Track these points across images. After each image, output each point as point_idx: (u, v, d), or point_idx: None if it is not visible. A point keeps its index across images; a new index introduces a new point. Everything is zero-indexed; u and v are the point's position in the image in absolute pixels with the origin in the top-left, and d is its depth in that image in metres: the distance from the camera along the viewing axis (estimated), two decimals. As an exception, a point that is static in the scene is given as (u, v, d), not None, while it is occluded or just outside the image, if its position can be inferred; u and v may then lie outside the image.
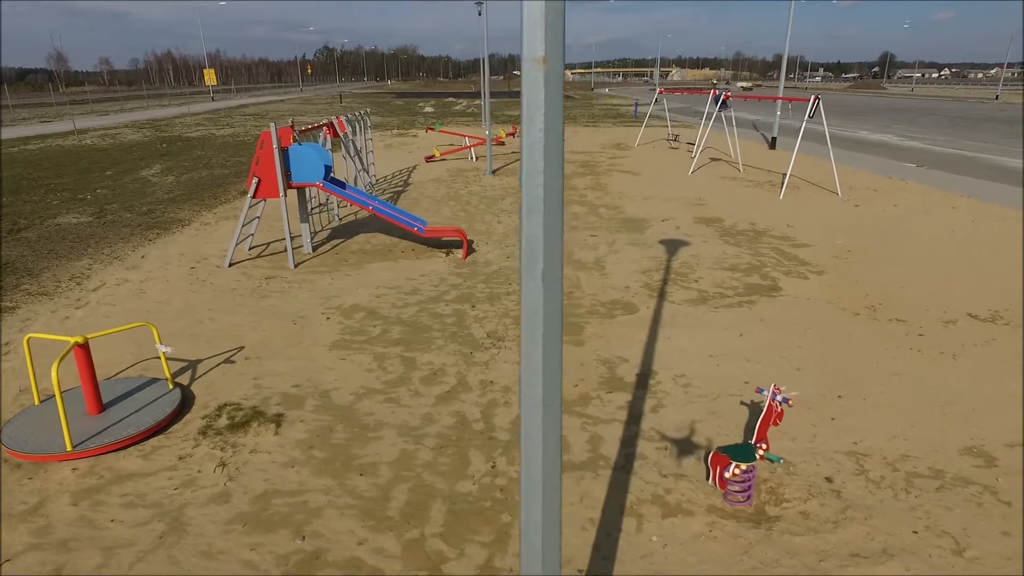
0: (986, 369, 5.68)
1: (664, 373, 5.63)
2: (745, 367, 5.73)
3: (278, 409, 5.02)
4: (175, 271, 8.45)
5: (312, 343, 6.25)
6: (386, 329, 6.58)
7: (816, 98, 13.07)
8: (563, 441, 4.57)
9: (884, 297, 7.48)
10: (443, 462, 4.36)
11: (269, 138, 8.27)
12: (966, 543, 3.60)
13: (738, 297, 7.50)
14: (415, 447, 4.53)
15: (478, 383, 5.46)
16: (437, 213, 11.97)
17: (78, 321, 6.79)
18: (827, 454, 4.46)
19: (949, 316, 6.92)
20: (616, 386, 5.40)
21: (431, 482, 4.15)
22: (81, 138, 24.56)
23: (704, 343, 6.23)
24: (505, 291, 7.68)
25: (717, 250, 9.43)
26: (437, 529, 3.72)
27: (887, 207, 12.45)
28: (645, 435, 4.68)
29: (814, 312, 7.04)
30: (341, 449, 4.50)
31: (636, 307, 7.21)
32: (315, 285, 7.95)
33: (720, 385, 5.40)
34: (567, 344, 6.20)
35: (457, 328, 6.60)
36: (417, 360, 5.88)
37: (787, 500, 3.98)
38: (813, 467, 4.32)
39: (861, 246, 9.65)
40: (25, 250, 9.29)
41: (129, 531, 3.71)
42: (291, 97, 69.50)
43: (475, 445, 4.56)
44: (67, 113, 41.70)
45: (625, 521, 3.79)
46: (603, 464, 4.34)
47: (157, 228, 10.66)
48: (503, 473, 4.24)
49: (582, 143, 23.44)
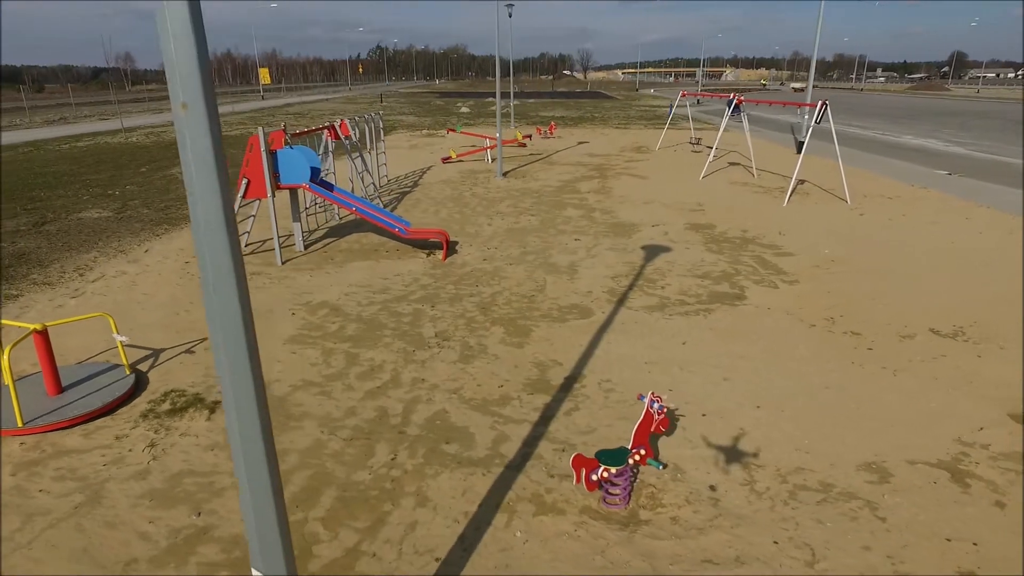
0: (922, 386, 5.61)
1: (592, 378, 5.77)
2: (674, 375, 5.82)
3: (218, 397, 5.41)
4: (170, 265, 9.03)
5: (271, 337, 6.65)
6: (343, 326, 6.92)
7: (824, 103, 12.80)
8: (469, 438, 4.81)
9: (848, 309, 7.39)
10: (350, 452, 4.65)
11: (257, 141, 8.73)
12: (822, 555, 3.66)
13: (698, 305, 7.54)
14: (328, 438, 4.83)
15: (410, 380, 5.72)
16: (435, 215, 12.30)
17: (70, 310, 7.38)
18: (722, 463, 4.54)
19: (909, 331, 6.80)
20: (540, 388, 5.58)
21: (331, 470, 4.44)
22: (128, 136, 26.03)
23: (644, 350, 6.33)
24: (469, 293, 7.93)
25: (696, 257, 9.43)
26: (321, 514, 4.01)
27: (895, 216, 12.11)
28: (549, 436, 4.86)
29: (769, 323, 7.03)
30: (261, 436, 4.84)
31: (592, 312, 7.34)
32: (294, 282, 8.37)
33: (640, 391, 5.50)
34: (508, 347, 6.41)
35: (410, 327, 6.89)
36: (360, 356, 6.19)
37: (663, 505, 4.10)
38: (703, 475, 4.41)
39: (847, 256, 9.48)
40: (43, 242, 10.07)
41: (52, 501, 4.13)
42: (336, 96, 71.34)
43: (385, 438, 4.83)
44: (125, 111, 44.08)
45: (497, 516, 3.99)
46: (498, 462, 4.54)
47: (167, 224, 11.35)
48: (400, 465, 4.49)
49: (604, 146, 23.43)
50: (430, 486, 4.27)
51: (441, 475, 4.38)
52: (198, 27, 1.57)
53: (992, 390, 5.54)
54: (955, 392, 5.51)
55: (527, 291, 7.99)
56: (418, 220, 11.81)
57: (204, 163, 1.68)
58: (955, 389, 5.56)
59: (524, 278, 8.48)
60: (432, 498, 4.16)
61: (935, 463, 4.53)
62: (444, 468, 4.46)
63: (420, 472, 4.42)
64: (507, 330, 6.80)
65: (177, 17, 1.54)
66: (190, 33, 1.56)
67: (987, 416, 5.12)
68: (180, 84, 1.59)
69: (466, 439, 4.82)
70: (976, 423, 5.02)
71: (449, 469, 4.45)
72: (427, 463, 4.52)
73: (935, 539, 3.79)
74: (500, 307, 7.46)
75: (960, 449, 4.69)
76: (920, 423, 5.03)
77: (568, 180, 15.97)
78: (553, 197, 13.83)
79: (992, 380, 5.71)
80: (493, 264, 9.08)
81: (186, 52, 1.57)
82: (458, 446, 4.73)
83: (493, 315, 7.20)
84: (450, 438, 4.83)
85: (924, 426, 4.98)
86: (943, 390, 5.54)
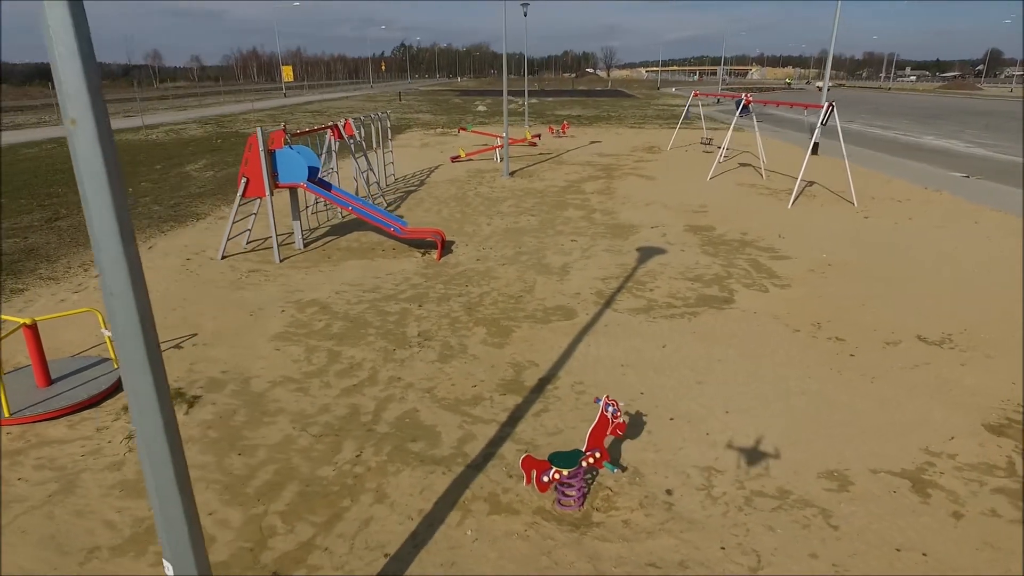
0: (898, 394, 5.56)
1: (566, 379, 5.82)
2: (649, 378, 5.84)
3: (199, 392, 5.58)
4: (171, 262, 9.27)
5: (259, 334, 6.81)
6: (329, 324, 7.06)
7: (830, 105, 12.63)
8: (436, 437, 4.90)
9: (836, 315, 7.33)
10: (318, 448, 4.77)
11: (256, 141, 8.92)
12: (767, 562, 3.68)
13: (684, 308, 7.53)
14: (299, 434, 4.96)
15: (386, 379, 5.83)
16: (436, 214, 12.41)
17: (72, 304, 7.63)
18: (683, 467, 4.57)
19: (895, 337, 6.73)
20: (512, 389, 5.64)
21: (297, 465, 4.56)
22: (148, 133, 26.61)
23: (622, 352, 6.36)
24: (458, 293, 8.01)
25: (690, 259, 9.40)
26: (281, 507, 4.13)
27: (901, 220, 11.92)
28: (515, 437, 4.92)
29: (754, 327, 7.00)
30: (234, 431, 4.99)
31: (576, 313, 7.38)
32: (288, 280, 8.54)
33: (613, 394, 5.54)
34: (488, 347, 6.48)
35: (394, 326, 7.00)
36: (342, 354, 6.32)
37: (616, 508, 4.14)
38: (661, 479, 4.44)
39: (845, 260, 9.38)
40: (53, 238, 10.40)
41: (29, 489, 4.31)
42: (357, 94, 71.90)
43: (353, 435, 4.94)
44: (151, 108, 44.99)
45: (452, 515, 4.07)
46: (460, 461, 4.62)
47: (173, 221, 11.62)
48: (364, 462, 4.59)
49: (616, 145, 23.35)
50: (390, 483, 4.37)
51: (402, 472, 4.48)
52: (85, 46, 1.67)
53: (969, 399, 5.47)
54: (931, 401, 5.45)
55: (515, 292, 8.05)
56: (419, 219, 11.94)
57: (96, 177, 1.78)
58: (931, 398, 5.50)
59: (514, 279, 8.55)
60: (390, 495, 4.25)
61: (898, 472, 4.50)
62: (406, 466, 4.55)
63: (382, 469, 4.51)
64: (489, 330, 6.87)
65: (63, 38, 1.64)
66: (76, 53, 1.65)
67: (960, 426, 5.07)
68: (68, 101, 1.69)
69: (432, 438, 4.90)
70: (947, 433, 4.97)
71: (411, 467, 4.54)
72: (390, 460, 4.62)
73: (885, 548, 3.78)
74: (486, 307, 7.53)
75: (926, 459, 4.65)
76: (889, 432, 4.99)
77: (574, 180, 15.98)
78: (556, 197, 13.86)
79: (971, 389, 5.64)
80: (486, 264, 9.16)
81: (73, 70, 1.67)
82: (424, 444, 4.82)
83: (477, 315, 7.28)
84: (417, 436, 4.92)
85: (893, 435, 4.95)
86: (919, 398, 5.49)
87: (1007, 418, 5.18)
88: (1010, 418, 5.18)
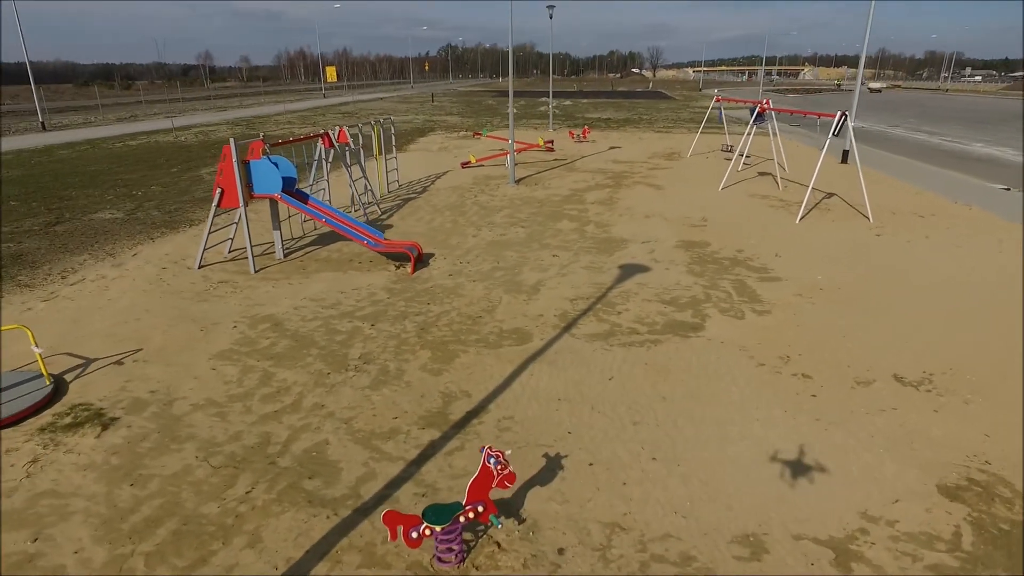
0: (851, 444, 5.07)
1: (495, 414, 5.53)
2: (582, 416, 5.49)
3: (119, 413, 5.51)
4: (148, 271, 9.33)
5: (202, 351, 6.73)
6: (275, 342, 6.93)
7: (842, 115, 11.91)
8: (336, 475, 4.68)
9: (811, 347, 6.81)
10: (211, 482, 4.61)
11: (229, 152, 8.89)
12: (639, 643, 3.32)
13: (648, 335, 7.13)
14: (200, 464, 4.82)
15: (310, 406, 5.65)
16: (428, 223, 12.23)
17: (37, 313, 7.73)
18: (586, 522, 4.23)
19: (869, 376, 6.19)
20: (434, 422, 5.39)
21: (183, 500, 4.41)
22: (178, 135, 27.33)
23: (563, 385, 6.02)
24: (417, 311, 7.80)
25: (671, 279, 8.95)
26: (150, 547, 3.98)
27: (916, 238, 11.15)
28: (416, 478, 4.67)
29: (715, 360, 6.56)
30: (137, 458, 4.88)
31: (531, 338, 7.07)
32: (254, 293, 8.48)
33: (537, 432, 5.24)
34: (425, 373, 6.24)
35: (339, 347, 6.82)
36: (275, 377, 6.17)
37: (498, 568, 3.85)
38: (558, 535, 4.12)
39: (840, 283, 8.77)
40: (45, 243, 10.64)
41: (-85, 513, 4.28)
42: (392, 95, 72.46)
43: (253, 468, 4.77)
44: (192, 109, 46.38)
45: (320, 565, 3.85)
46: (351, 503, 4.39)
47: (166, 227, 11.77)
48: (252, 500, 4.41)
49: (635, 151, 22.77)
50: (269, 525, 4.17)
51: (286, 514, 4.28)
52: None
53: (931, 453, 4.94)
54: (886, 454, 4.95)
55: (476, 312, 7.78)
56: (410, 228, 11.79)
57: None
58: (888, 450, 4.99)
59: (480, 297, 8.28)
60: (265, 539, 4.05)
61: (824, 540, 4.06)
62: (293, 506, 4.35)
63: (267, 509, 4.32)
64: (433, 355, 6.63)
65: None
66: None
67: (910, 485, 4.57)
68: None
69: (332, 475, 4.69)
70: (894, 493, 4.49)
71: (296, 508, 4.33)
72: (279, 499, 4.42)
73: (778, 635, 3.38)
74: (440, 328, 7.29)
75: (860, 524, 4.19)
76: (828, 489, 4.53)
77: (579, 189, 15.58)
78: (554, 208, 13.51)
79: (937, 441, 5.11)
80: (457, 280, 8.92)
81: None
82: (320, 482, 4.61)
83: (427, 337, 7.05)
84: (316, 473, 4.71)
85: (831, 493, 4.49)
86: (873, 450, 4.99)
87: (968, 478, 4.65)
88: (972, 479, 4.65)
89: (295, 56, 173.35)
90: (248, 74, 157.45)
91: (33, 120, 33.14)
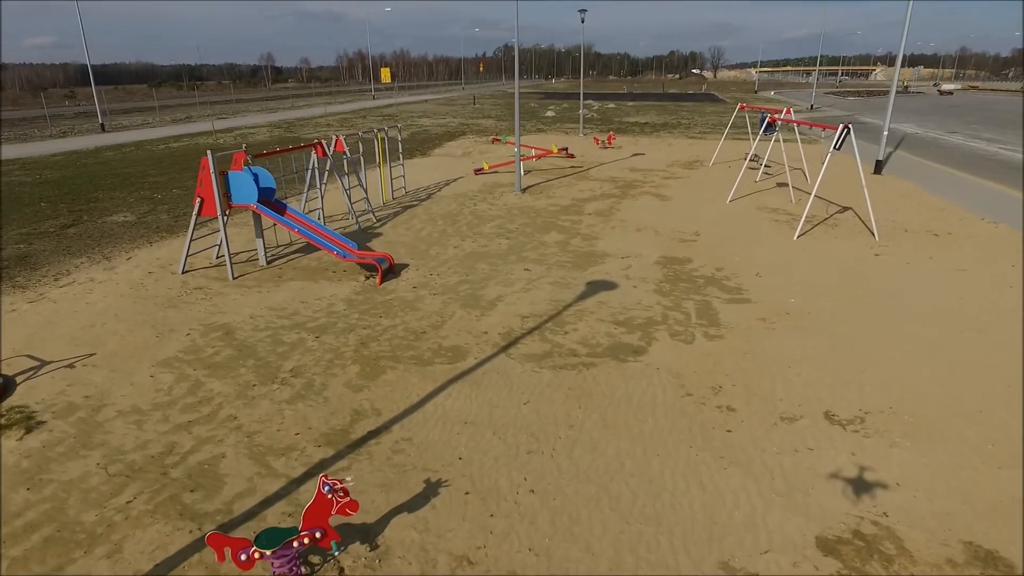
0: (746, 486, 4.86)
1: (396, 434, 5.58)
2: (480, 441, 5.47)
3: (47, 417, 5.84)
4: (135, 275, 9.83)
5: (148, 358, 7.05)
6: (218, 351, 7.19)
7: (845, 127, 11.35)
8: (217, 489, 4.83)
9: (751, 377, 6.55)
10: (101, 489, 4.84)
11: (207, 163, 9.27)
12: None
13: (586, 357, 7.02)
14: (98, 471, 5.06)
15: (224, 417, 5.84)
16: (416, 232, 12.38)
17: (20, 314, 8.27)
18: (437, 554, 4.23)
19: (798, 411, 5.91)
20: (333, 441, 5.48)
21: (68, 507, 4.65)
22: (218, 137, 28.55)
23: (477, 407, 6.01)
24: (365, 324, 7.92)
25: (634, 298, 8.77)
26: (18, 552, 4.22)
27: (918, 259, 10.53)
28: (291, 497, 4.76)
29: (642, 387, 6.39)
30: (44, 463, 5.17)
31: (466, 356, 7.07)
32: (221, 300, 8.81)
33: (429, 456, 5.25)
34: (347, 389, 6.34)
35: (276, 358, 7.01)
36: (204, 386, 6.41)
37: (331, 594, 3.90)
38: (404, 565, 4.14)
39: (814, 308, 8.38)
40: (52, 245, 11.35)
41: None
42: (437, 97, 73.19)
43: (145, 478, 4.98)
44: (244, 111, 48.32)
45: (163, 581, 3.99)
46: (219, 519, 4.53)
47: (168, 231, 12.34)
48: (131, 509, 4.61)
49: (656, 159, 22.33)
50: (134, 537, 4.35)
51: (154, 526, 4.45)
52: None
53: (828, 501, 4.69)
54: (778, 499, 4.72)
55: (423, 327, 7.84)
56: (398, 237, 11.97)
57: None
58: (783, 495, 4.77)
59: (434, 311, 8.34)
60: (125, 551, 4.23)
61: (671, 589, 3.93)
62: (164, 519, 4.52)
63: (139, 520, 4.51)
64: (362, 370, 6.73)
65: None
66: None
67: (788, 536, 4.35)
68: None
69: (214, 489, 4.85)
70: (767, 544, 4.28)
71: (167, 520, 4.50)
72: (154, 511, 4.60)
73: None
74: (380, 343, 7.39)
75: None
76: (700, 536, 4.37)
77: (582, 199, 15.42)
78: (548, 219, 13.43)
79: (839, 488, 4.84)
80: (418, 293, 9.01)
81: None
82: (199, 496, 4.77)
83: (364, 352, 7.15)
84: (199, 486, 4.88)
85: (700, 540, 4.33)
86: (765, 495, 4.77)
87: (855, 531, 4.39)
88: (859, 531, 4.39)
89: (354, 57, 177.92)
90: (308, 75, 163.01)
91: (96, 121, 35.25)
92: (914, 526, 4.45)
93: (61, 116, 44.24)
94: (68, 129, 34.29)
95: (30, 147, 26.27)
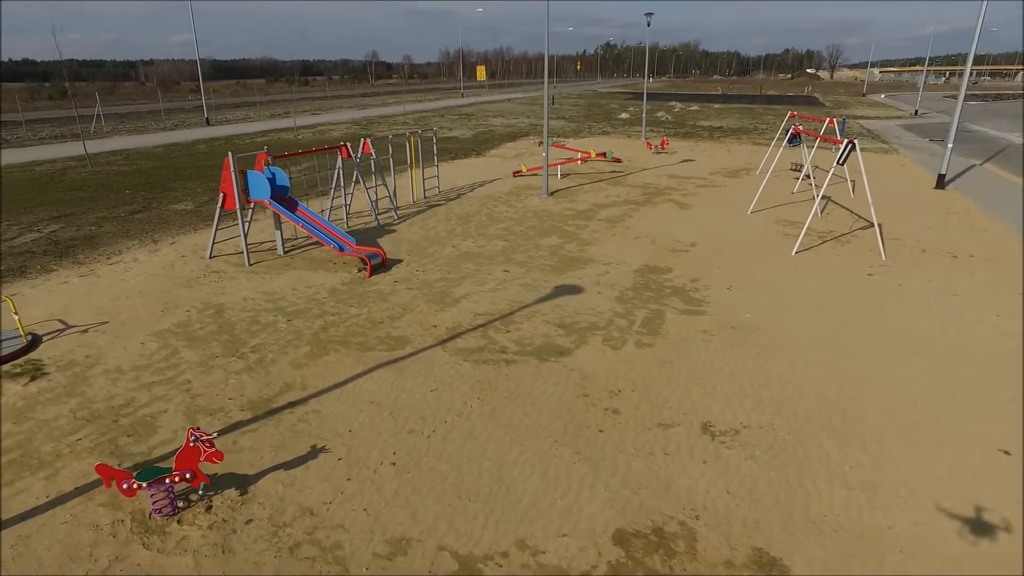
0: (579, 479, 5.33)
1: (310, 407, 6.47)
2: (376, 420, 6.24)
3: (52, 370, 7.22)
4: (170, 257, 11.40)
5: (147, 328, 8.37)
6: (204, 326, 8.40)
7: (850, 142, 11.05)
8: (149, 435, 5.92)
9: (655, 384, 6.89)
10: (63, 427, 6.05)
11: (228, 163, 10.61)
12: (228, 600, 4.13)
13: (512, 355, 7.60)
14: (68, 415, 6.30)
15: (181, 381, 6.98)
16: (426, 231, 13.30)
17: (70, 285, 9.94)
18: (287, 505, 5.05)
19: (678, 419, 6.23)
20: (258, 407, 6.44)
21: (32, 440, 5.88)
22: (297, 134, 30.95)
23: (390, 391, 6.78)
24: (335, 311, 8.90)
25: (591, 304, 9.19)
26: (-12, 468, 5.47)
27: (913, 282, 10.16)
28: (200, 449, 5.75)
29: (547, 385, 6.91)
30: (32, 404, 6.48)
31: (404, 345, 7.86)
32: (230, 283, 10.11)
33: (327, 428, 6.08)
34: (288, 366, 7.30)
35: (247, 335, 8.12)
36: (178, 354, 7.60)
37: (194, 525, 4.82)
38: (258, 509, 4.99)
39: (767, 324, 8.46)
40: (116, 228, 13.25)
41: None
42: (520, 96, 73.76)
43: (100, 423, 6.14)
44: (338, 106, 51.50)
45: (77, 499, 5.07)
46: (139, 459, 5.58)
47: (211, 220, 13.96)
48: (76, 445, 5.77)
49: (703, 166, 22.02)
50: (71, 466, 5.49)
51: (88, 459, 5.57)
52: None
53: (651, 501, 5.08)
54: (606, 494, 5.16)
55: (383, 317, 8.71)
56: (412, 234, 12.94)
57: None
58: (614, 491, 5.20)
59: (400, 304, 9.18)
60: (60, 475, 5.37)
61: (463, 555, 4.53)
62: (99, 455, 5.64)
63: (80, 454, 5.65)
64: (311, 351, 7.68)
65: None
66: None
67: (592, 525, 4.81)
68: None
69: (145, 436, 5.93)
70: (570, 528, 4.77)
71: (100, 456, 5.61)
72: (95, 448, 5.74)
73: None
74: (338, 329, 8.33)
75: (506, 549, 4.58)
76: (516, 515, 4.92)
77: (602, 204, 15.75)
78: (556, 223, 13.92)
79: (670, 490, 5.21)
80: (395, 288, 9.89)
81: None
82: (132, 440, 5.87)
83: (322, 336, 8.11)
84: (135, 433, 5.98)
85: (516, 519, 4.88)
86: (596, 489, 5.22)
87: (657, 528, 4.78)
88: (661, 528, 4.78)
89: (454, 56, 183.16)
90: (411, 71, 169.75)
91: (203, 115, 39.10)
92: (717, 530, 4.77)
93: (181, 110, 49.19)
94: (180, 122, 38.26)
95: (142, 139, 29.77)
